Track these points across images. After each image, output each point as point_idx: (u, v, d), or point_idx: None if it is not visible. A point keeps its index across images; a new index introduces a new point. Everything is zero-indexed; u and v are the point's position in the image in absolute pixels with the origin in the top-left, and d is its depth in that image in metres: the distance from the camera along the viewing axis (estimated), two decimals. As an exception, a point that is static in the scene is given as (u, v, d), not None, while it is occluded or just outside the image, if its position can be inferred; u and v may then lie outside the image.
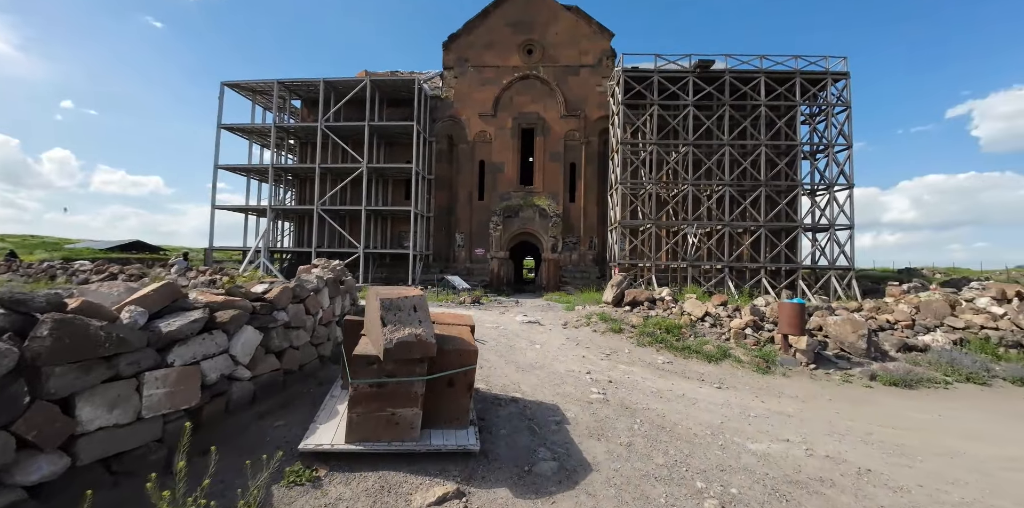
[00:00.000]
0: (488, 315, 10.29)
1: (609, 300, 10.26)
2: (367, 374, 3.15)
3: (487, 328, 8.67)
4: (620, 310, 9.99)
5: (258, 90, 25.63)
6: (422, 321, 3.17)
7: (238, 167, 24.95)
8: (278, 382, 4.43)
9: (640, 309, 9.85)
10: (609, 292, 10.32)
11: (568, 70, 24.30)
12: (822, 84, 21.75)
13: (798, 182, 21.34)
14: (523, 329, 8.81)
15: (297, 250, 25.22)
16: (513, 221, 23.47)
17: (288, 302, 4.54)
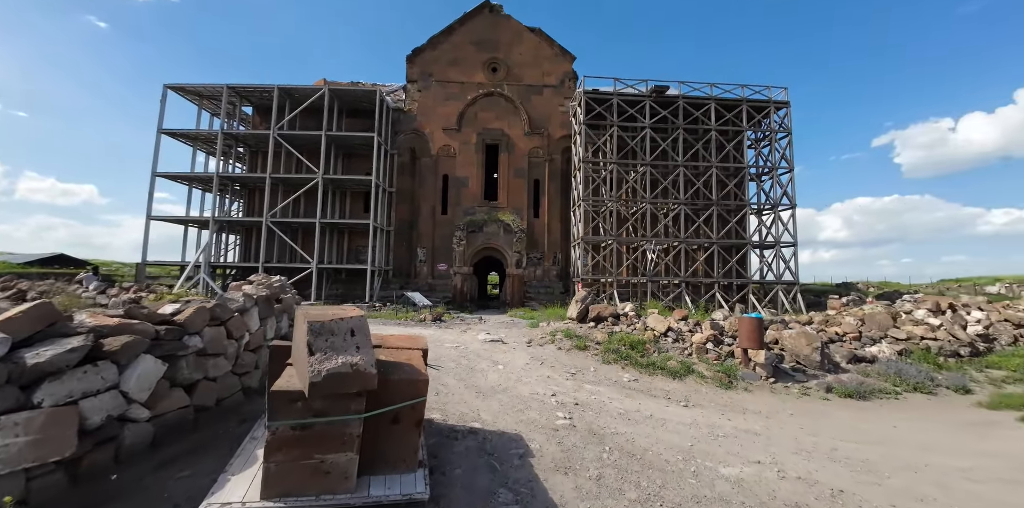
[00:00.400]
0: (449, 334, 9.70)
1: (574, 316, 9.99)
2: (289, 413, 2.59)
3: (447, 348, 8.10)
4: (585, 326, 9.73)
5: (205, 94, 24.13)
6: (360, 347, 2.67)
7: (179, 175, 23.11)
8: (187, 421, 3.70)
9: (605, 325, 9.64)
10: (573, 308, 10.07)
11: (532, 89, 24.70)
12: (766, 112, 23.32)
13: (746, 202, 22.48)
14: (485, 348, 8.31)
15: (243, 265, 23.42)
16: (477, 236, 23.07)
17: (204, 325, 3.86)
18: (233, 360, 4.22)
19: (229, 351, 4.14)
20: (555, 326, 10.20)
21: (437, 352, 7.63)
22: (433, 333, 9.56)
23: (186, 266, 22.21)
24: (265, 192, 22.02)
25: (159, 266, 26.24)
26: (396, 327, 11.45)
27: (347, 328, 2.70)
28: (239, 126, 25.26)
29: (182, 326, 3.68)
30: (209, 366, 3.90)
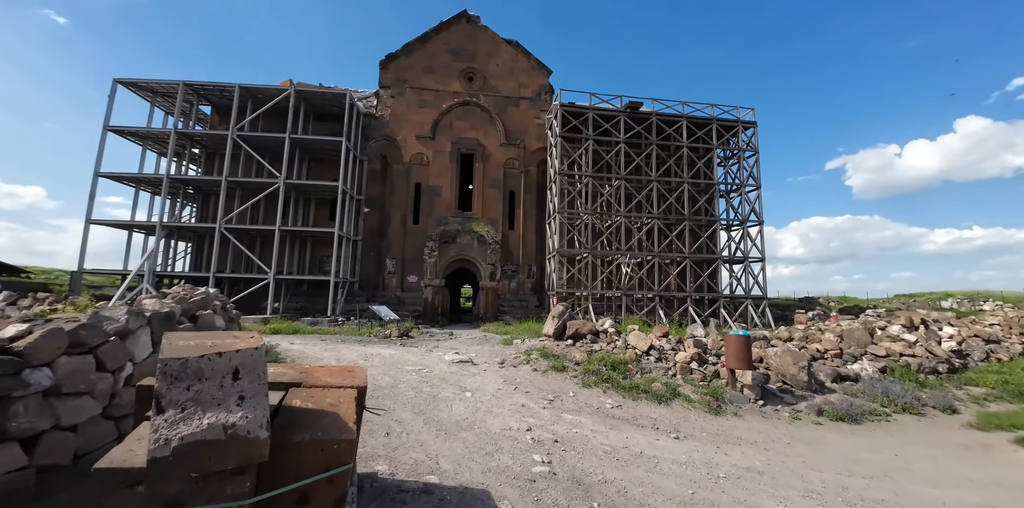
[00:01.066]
0: (413, 353, 8.65)
1: (550, 333, 9.18)
2: (125, 501, 1.62)
3: (407, 372, 7.07)
4: (562, 344, 8.92)
5: (160, 91, 22.39)
6: (246, 397, 1.74)
7: (125, 176, 21.10)
8: (24, 490, 2.59)
9: (583, 343, 8.87)
10: (550, 324, 9.27)
11: (508, 101, 24.33)
12: (734, 131, 23.81)
13: (716, 217, 22.63)
14: (452, 371, 7.33)
15: (194, 275, 21.39)
16: (450, 247, 22.08)
17: (58, 353, 2.79)
18: (106, 400, 3.13)
19: (99, 388, 3.05)
20: (530, 344, 9.34)
21: (395, 377, 6.60)
22: (394, 353, 8.49)
23: (129, 275, 20.06)
24: (220, 196, 20.33)
25: (101, 275, 23.70)
26: (354, 345, 10.27)
27: (227, 369, 1.77)
28: (196, 126, 23.52)
29: (21, 355, 2.61)
30: (64, 410, 2.81)
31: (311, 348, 8.63)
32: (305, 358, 7.12)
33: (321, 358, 7.32)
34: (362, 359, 7.55)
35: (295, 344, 9.31)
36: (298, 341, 10.49)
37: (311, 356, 7.41)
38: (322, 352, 8.04)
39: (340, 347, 8.95)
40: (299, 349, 8.17)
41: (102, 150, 20.72)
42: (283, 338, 11.65)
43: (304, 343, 9.76)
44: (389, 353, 8.32)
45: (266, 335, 13.22)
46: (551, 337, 9.27)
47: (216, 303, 6.66)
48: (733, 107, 24.21)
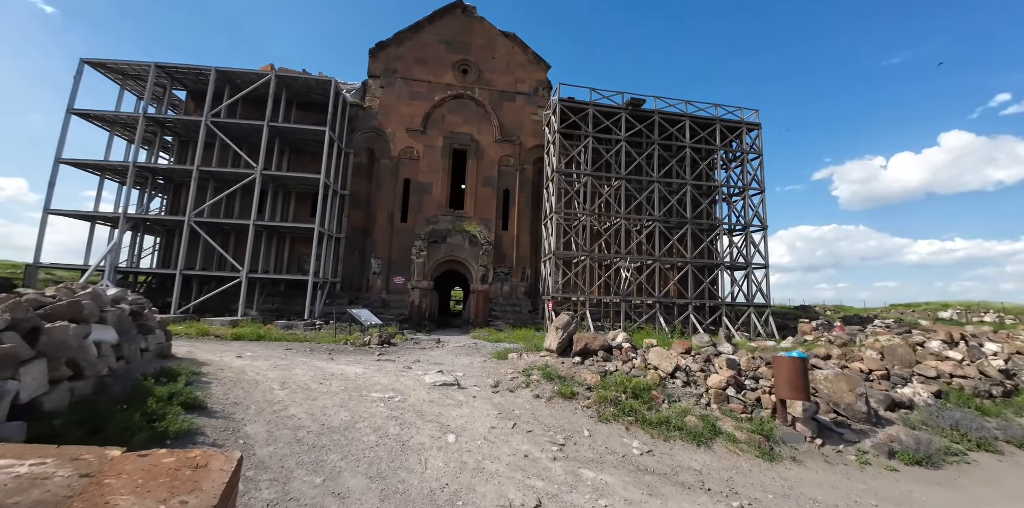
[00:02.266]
0: (385, 373, 6.88)
1: (553, 347, 7.54)
2: None
3: (372, 402, 5.34)
4: (568, 361, 7.28)
5: (130, 73, 20.33)
6: None
7: (88, 163, 18.96)
8: None
9: (594, 360, 7.24)
10: (553, 337, 7.64)
11: (504, 95, 22.77)
12: (738, 132, 22.57)
13: (719, 221, 21.29)
14: (433, 400, 5.63)
15: (161, 272, 19.32)
16: (439, 247, 20.34)
17: None
18: None
19: None
20: (529, 360, 7.67)
21: (355, 411, 4.88)
22: (362, 372, 6.72)
23: (87, 271, 17.90)
24: (191, 187, 18.33)
25: (61, 269, 21.38)
26: (318, 358, 8.48)
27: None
28: (169, 112, 21.45)
29: None
30: None
31: (259, 363, 6.84)
32: (238, 382, 5.35)
33: (260, 380, 5.55)
34: (317, 382, 5.79)
35: (243, 357, 7.50)
36: (253, 351, 8.68)
37: (248, 378, 5.63)
38: (269, 370, 6.26)
39: (297, 363, 7.16)
40: (241, 366, 6.38)
41: (64, 135, 18.58)
42: (240, 347, 9.80)
43: (257, 355, 7.95)
44: (356, 372, 6.57)
45: (224, 341, 11.34)
46: (554, 352, 7.62)
47: (119, 307, 4.87)
48: (737, 108, 23.01)
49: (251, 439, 3.85)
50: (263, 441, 3.84)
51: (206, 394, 4.62)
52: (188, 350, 7.84)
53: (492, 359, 8.64)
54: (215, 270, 19.26)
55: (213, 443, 3.66)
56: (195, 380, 5.03)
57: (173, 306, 17.38)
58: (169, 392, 4.11)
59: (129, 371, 4.64)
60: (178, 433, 3.55)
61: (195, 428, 3.78)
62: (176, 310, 17.32)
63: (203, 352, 7.75)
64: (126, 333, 4.85)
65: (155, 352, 6.05)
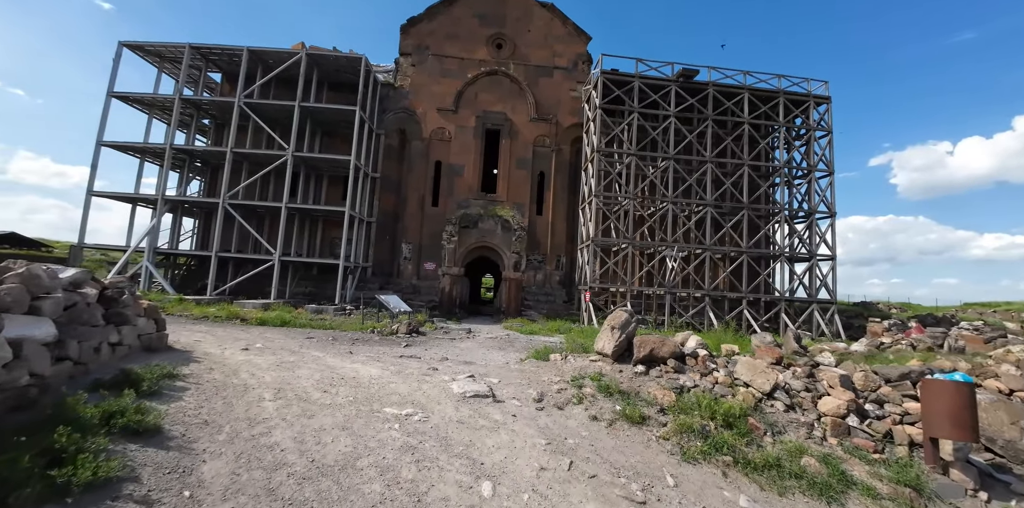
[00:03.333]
0: (405, 377, 5.54)
1: (607, 351, 6.03)
2: None
3: (385, 422, 4.03)
4: (628, 370, 5.75)
5: (167, 56, 19.93)
6: None
7: (128, 145, 18.84)
8: None
9: (662, 371, 5.67)
10: (608, 338, 6.12)
11: (540, 71, 20.82)
12: (804, 106, 19.65)
13: (781, 207, 18.71)
14: (462, 420, 4.28)
15: (198, 254, 19.18)
16: (471, 232, 19.03)
17: None
18: None
19: None
20: (577, 365, 6.19)
21: (360, 437, 3.58)
22: (379, 374, 5.44)
23: (126, 252, 17.93)
24: (225, 169, 17.83)
25: (104, 250, 21.82)
26: (337, 351, 7.35)
27: None
28: (204, 94, 21.03)
29: None
30: None
31: (263, 359, 5.73)
32: (223, 388, 4.19)
33: (251, 386, 4.37)
34: (321, 390, 4.56)
35: (251, 349, 6.45)
36: (267, 341, 7.68)
37: (237, 383, 4.47)
38: (269, 370, 5.10)
39: (307, 359, 6.01)
40: (238, 363, 5.27)
41: (105, 117, 18.47)
42: (258, 334, 8.90)
43: (268, 347, 6.89)
44: (371, 375, 5.32)
45: (247, 327, 10.56)
46: (608, 357, 6.10)
47: (78, 292, 3.75)
48: (803, 79, 20.03)
49: (203, 489, 2.62)
50: (219, 495, 2.59)
51: (168, 410, 3.46)
52: (195, 340, 6.90)
53: (531, 360, 7.22)
54: (251, 253, 18.89)
55: (144, 499, 2.44)
56: (166, 387, 3.89)
57: (209, 288, 17.11)
58: (105, 412, 2.93)
59: (77, 377, 3.56)
60: (93, 483, 2.35)
61: (126, 472, 2.58)
62: (212, 292, 17.04)
63: (209, 343, 6.78)
64: (83, 325, 3.77)
65: (142, 345, 5.03)
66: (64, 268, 3.99)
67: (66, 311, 3.65)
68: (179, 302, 14.58)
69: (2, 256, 17.11)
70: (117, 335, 4.38)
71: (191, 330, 8.71)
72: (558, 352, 7.15)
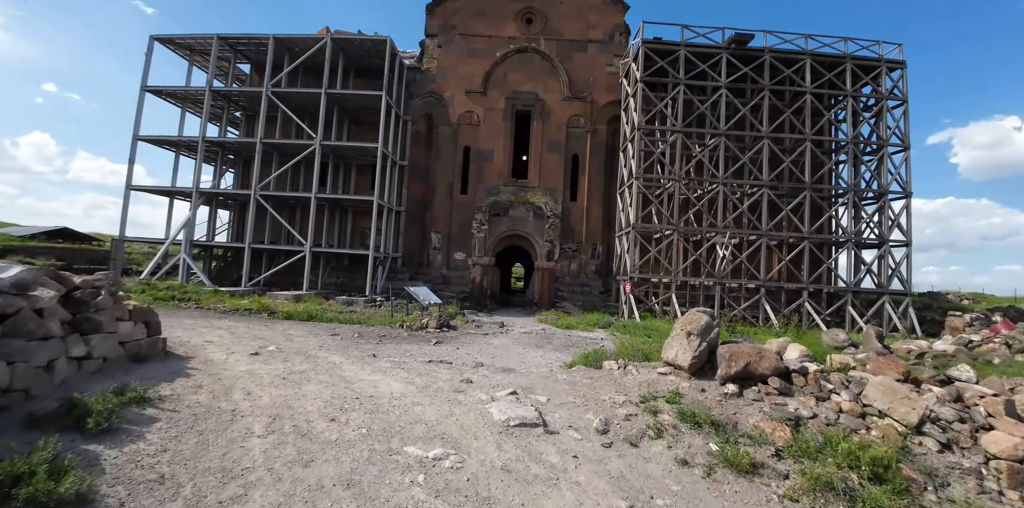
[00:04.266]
0: (431, 399, 4.34)
1: (683, 364, 4.71)
2: None
3: (401, 475, 2.93)
4: (713, 389, 4.43)
5: (197, 48, 19.53)
6: None
7: (162, 139, 18.73)
8: None
9: (760, 392, 4.30)
10: (682, 346, 4.79)
11: (574, 45, 18.97)
12: (875, 73, 16.88)
13: (849, 187, 16.29)
14: (507, 465, 3.12)
15: (233, 246, 19.05)
16: (501, 220, 17.83)
17: None
18: None
19: None
20: (643, 379, 4.91)
21: (375, 493, 2.49)
22: (402, 391, 4.37)
23: (164, 245, 17.97)
24: (255, 160, 17.38)
25: (149, 243, 22.24)
26: (361, 354, 6.40)
27: None
28: (234, 85, 20.62)
29: None
30: None
31: (270, 368, 4.80)
32: (205, 416, 3.23)
33: (242, 413, 3.40)
34: (328, 418, 3.51)
35: (261, 354, 5.57)
36: (286, 340, 6.86)
37: (226, 408, 3.50)
38: (271, 386, 4.13)
39: (322, 368, 5.04)
40: (237, 376, 4.35)
41: (140, 112, 18.35)
42: (281, 330, 8.15)
43: (282, 349, 6.02)
44: (393, 392, 4.25)
45: (272, 321, 9.91)
46: (682, 370, 4.79)
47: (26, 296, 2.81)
48: (873, 42, 17.20)
49: None
50: None
51: (115, 459, 2.50)
52: (206, 341, 6.13)
53: (580, 367, 5.99)
54: (283, 244, 18.55)
55: None
56: (129, 419, 2.95)
57: (244, 279, 16.88)
58: (9, 475, 1.95)
59: (13, 407, 2.66)
60: None
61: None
62: (246, 283, 16.81)
63: (219, 345, 5.97)
64: (22, 338, 2.88)
65: (127, 354, 4.18)
66: (9, 266, 3.09)
67: (1, 323, 2.74)
68: (214, 294, 14.31)
69: (54, 250, 17.26)
70: (84, 347, 3.50)
71: (212, 326, 8.06)
72: (612, 358, 5.88)
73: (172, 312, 10.58)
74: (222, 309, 11.60)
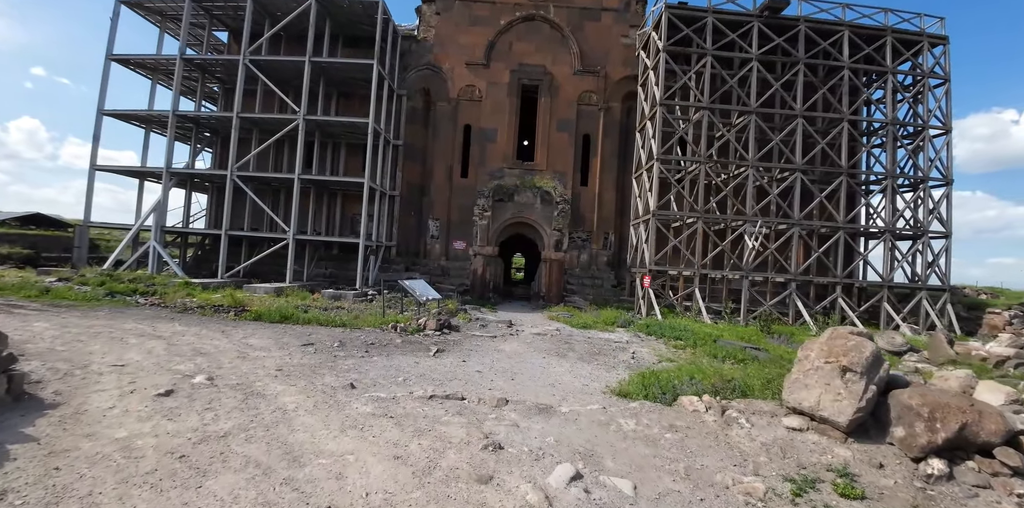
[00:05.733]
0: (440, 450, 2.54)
1: (838, 419, 2.84)
2: None
3: None
4: (890, 464, 2.60)
5: (169, 13, 16.83)
6: None
7: (130, 113, 16.23)
8: None
9: (982, 474, 2.49)
10: (830, 387, 2.92)
11: (586, 14, 16.64)
12: (916, 48, 14.89)
13: (889, 172, 14.44)
14: None
15: (208, 232, 16.81)
16: (506, 206, 15.78)
17: None
18: None
19: None
20: (765, 437, 3.06)
21: None
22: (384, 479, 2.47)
23: (129, 231, 15.69)
24: (232, 137, 15.02)
25: (114, 229, 19.80)
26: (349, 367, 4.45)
27: None
28: (211, 54, 18.01)
29: None
30: None
31: (179, 424, 2.84)
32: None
33: None
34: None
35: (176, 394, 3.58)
36: (241, 356, 4.88)
37: None
38: (158, 473, 2.20)
39: (260, 419, 3.05)
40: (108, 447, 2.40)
41: (105, 83, 15.78)
42: (242, 338, 6.15)
43: (222, 377, 4.04)
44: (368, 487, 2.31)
45: (241, 323, 7.89)
46: (834, 426, 2.95)
47: None
48: (915, 14, 15.19)
49: None
50: None
51: None
52: (106, 367, 4.11)
53: (642, 398, 4.11)
54: (266, 231, 16.34)
55: None
56: None
57: (221, 270, 14.70)
58: None
59: None
60: None
61: None
62: (223, 274, 14.65)
63: (120, 376, 3.95)
64: None
65: None
66: None
67: None
68: (183, 286, 12.18)
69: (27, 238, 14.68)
70: None
71: (150, 334, 6.06)
72: (692, 393, 3.99)
73: (119, 311, 8.51)
74: (185, 306, 9.54)
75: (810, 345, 3.31)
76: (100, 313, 8.12)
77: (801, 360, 3.25)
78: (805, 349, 3.31)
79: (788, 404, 3.25)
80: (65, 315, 7.66)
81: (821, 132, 14.35)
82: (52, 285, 11.04)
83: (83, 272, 13.28)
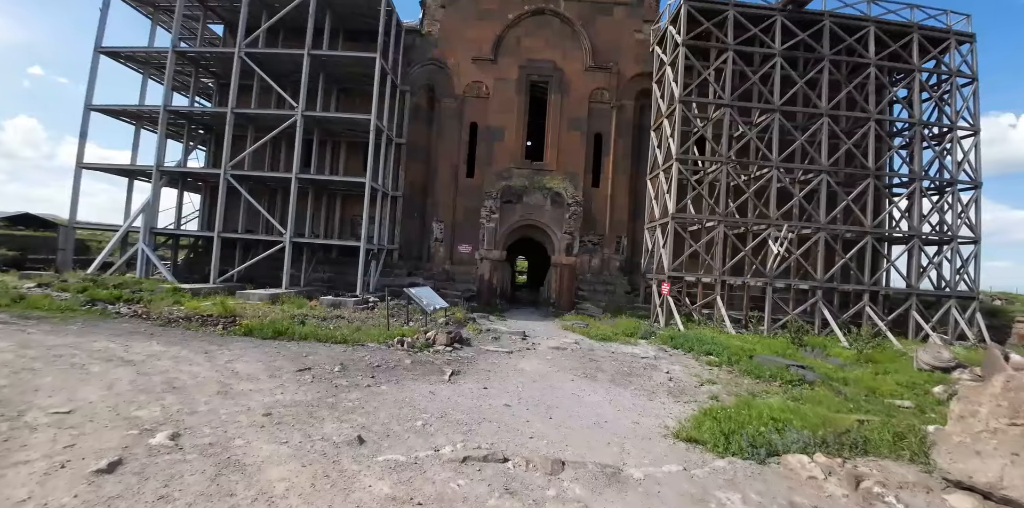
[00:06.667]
0: None
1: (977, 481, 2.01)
2: None
3: None
4: None
5: (160, 4, 15.85)
6: None
7: (119, 109, 15.19)
8: None
9: None
10: (1001, 450, 2.08)
11: (598, 8, 15.78)
12: (943, 46, 14.14)
13: (917, 174, 13.66)
14: None
15: (200, 234, 15.80)
16: (514, 208, 14.88)
17: None
18: None
19: None
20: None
21: None
22: None
23: (117, 233, 14.68)
24: (226, 134, 14.04)
25: (102, 230, 18.72)
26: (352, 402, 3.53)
27: None
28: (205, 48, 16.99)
29: None
30: None
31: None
32: None
33: None
34: None
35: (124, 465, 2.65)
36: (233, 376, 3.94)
37: None
38: None
39: None
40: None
41: (94, 77, 14.73)
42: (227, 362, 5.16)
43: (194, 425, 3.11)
44: None
45: (229, 339, 6.88)
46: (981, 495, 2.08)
47: None
48: (942, 11, 14.44)
49: None
50: None
51: None
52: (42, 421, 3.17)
53: (731, 456, 3.22)
54: (262, 233, 15.33)
55: None
56: None
57: (213, 274, 13.69)
58: None
59: None
60: None
61: None
62: (216, 279, 13.65)
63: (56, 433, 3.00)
64: None
65: None
66: None
67: None
68: (172, 292, 11.19)
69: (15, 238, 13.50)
70: None
71: (119, 359, 5.09)
72: (805, 454, 3.10)
73: (94, 324, 7.50)
74: (169, 318, 8.55)
75: (974, 397, 2.45)
76: (72, 327, 7.13)
77: (965, 417, 2.40)
78: (969, 402, 2.46)
79: (949, 476, 2.38)
80: (32, 330, 6.68)
81: (845, 132, 13.55)
82: (29, 292, 10.01)
83: (65, 277, 12.26)
